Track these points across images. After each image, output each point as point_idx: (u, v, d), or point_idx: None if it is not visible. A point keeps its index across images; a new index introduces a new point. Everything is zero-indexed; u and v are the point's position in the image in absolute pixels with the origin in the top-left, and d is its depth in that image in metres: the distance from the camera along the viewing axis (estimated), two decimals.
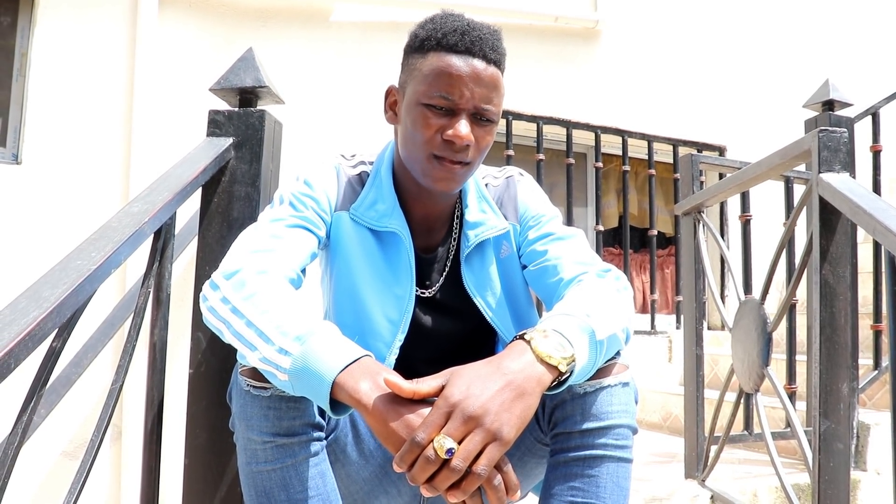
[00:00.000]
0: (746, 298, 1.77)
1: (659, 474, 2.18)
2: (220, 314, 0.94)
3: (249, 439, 0.94)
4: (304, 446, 0.95)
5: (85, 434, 2.49)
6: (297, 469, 0.94)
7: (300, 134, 2.79)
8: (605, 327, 0.95)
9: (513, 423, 0.82)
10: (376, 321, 1.17)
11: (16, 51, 2.68)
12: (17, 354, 0.76)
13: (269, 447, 0.93)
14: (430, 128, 1.08)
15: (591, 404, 0.96)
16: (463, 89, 1.06)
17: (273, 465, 0.94)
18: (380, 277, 1.18)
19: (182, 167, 1.22)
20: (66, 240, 2.52)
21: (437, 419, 0.80)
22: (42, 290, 0.85)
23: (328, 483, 0.98)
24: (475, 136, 1.09)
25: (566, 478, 0.96)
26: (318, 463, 0.97)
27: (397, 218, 1.18)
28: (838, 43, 4.24)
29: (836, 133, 1.37)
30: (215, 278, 0.99)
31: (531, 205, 1.26)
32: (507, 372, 0.85)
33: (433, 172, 1.10)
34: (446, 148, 1.08)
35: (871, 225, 1.16)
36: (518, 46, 3.43)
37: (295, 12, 3.02)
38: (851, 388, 1.91)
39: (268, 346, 0.87)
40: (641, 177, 4.10)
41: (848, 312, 1.35)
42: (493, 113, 1.10)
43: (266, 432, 0.93)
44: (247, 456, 0.95)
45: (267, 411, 0.93)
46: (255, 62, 1.40)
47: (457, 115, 1.08)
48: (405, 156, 1.14)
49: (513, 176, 1.30)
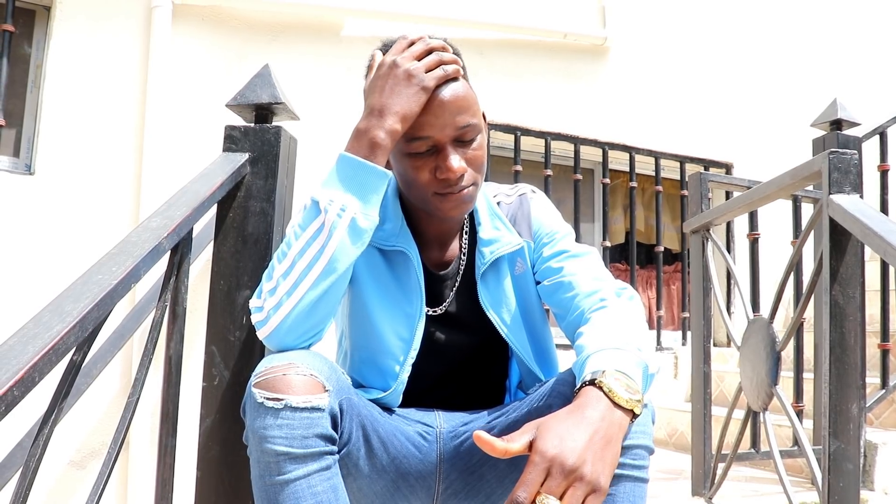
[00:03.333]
0: (755, 317, 1.78)
1: (665, 491, 2.18)
2: (277, 300, 1.03)
3: (263, 451, 0.94)
4: (316, 459, 0.95)
5: (92, 444, 2.50)
6: (309, 482, 0.95)
7: (310, 148, 2.81)
8: (653, 360, 0.98)
9: (607, 472, 0.83)
10: (388, 340, 1.19)
11: (31, 62, 2.71)
12: (41, 368, 0.77)
13: (283, 460, 0.93)
14: (423, 172, 1.10)
15: None
16: (435, 124, 1.07)
17: (286, 477, 0.94)
18: (390, 296, 1.20)
19: (199, 182, 1.23)
20: (79, 250, 2.54)
21: (537, 477, 0.81)
22: (65, 304, 0.86)
23: (340, 497, 0.98)
24: (466, 159, 1.11)
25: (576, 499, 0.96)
26: (331, 477, 0.97)
27: (404, 236, 1.20)
28: (845, 62, 4.26)
29: (846, 155, 1.38)
30: (253, 304, 1.07)
31: (545, 222, 1.28)
32: (592, 421, 0.85)
33: (442, 206, 1.12)
34: (444, 185, 1.10)
35: (881, 247, 1.17)
36: (527, 62, 3.46)
37: (306, 27, 3.05)
38: (860, 407, 1.91)
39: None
40: (648, 193, 4.12)
41: (857, 333, 1.35)
42: (474, 128, 1.11)
43: (280, 444, 0.93)
44: (260, 469, 0.96)
45: (281, 423, 0.93)
46: (271, 78, 1.42)
47: (442, 150, 1.09)
48: (410, 197, 1.18)
49: (525, 193, 1.31)
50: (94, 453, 2.50)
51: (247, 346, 1.27)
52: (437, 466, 1.18)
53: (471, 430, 1.17)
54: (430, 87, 1.06)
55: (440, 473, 1.19)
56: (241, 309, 1.27)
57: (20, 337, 0.80)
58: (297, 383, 0.94)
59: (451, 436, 1.19)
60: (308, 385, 0.95)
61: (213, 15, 2.88)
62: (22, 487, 0.80)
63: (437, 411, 1.25)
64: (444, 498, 1.20)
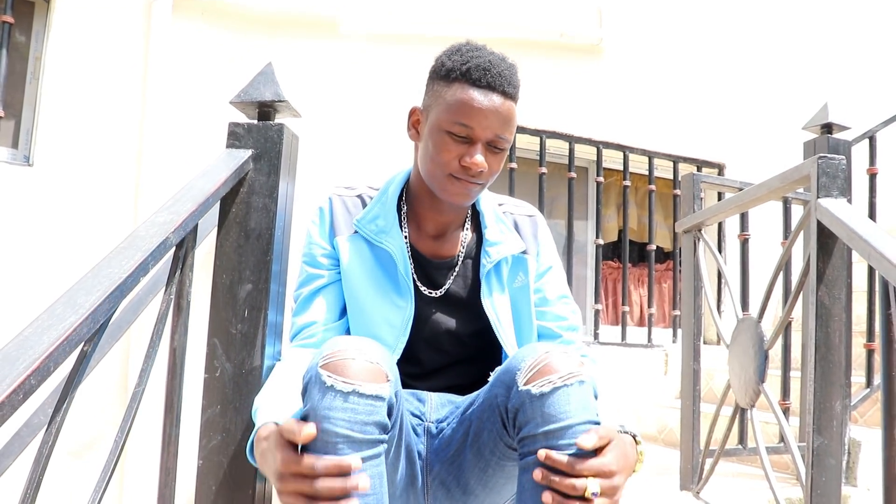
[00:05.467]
0: (744, 316, 1.82)
1: (654, 486, 2.22)
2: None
3: (325, 431, 0.94)
4: (372, 445, 0.97)
5: (88, 434, 2.52)
6: (362, 466, 0.96)
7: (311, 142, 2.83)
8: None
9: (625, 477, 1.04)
10: (379, 326, 1.29)
11: (30, 54, 2.72)
12: (56, 358, 0.80)
13: (343, 442, 0.95)
14: (450, 153, 1.21)
15: (548, 406, 1.00)
16: (482, 121, 1.19)
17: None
18: (379, 287, 1.31)
19: (204, 179, 1.26)
20: (77, 241, 2.56)
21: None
22: (77, 297, 0.89)
23: (384, 484, 1.01)
24: (488, 162, 1.23)
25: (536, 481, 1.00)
26: (380, 464, 1.00)
27: (394, 236, 1.31)
28: (837, 66, 4.31)
29: (834, 160, 1.42)
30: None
31: (549, 251, 1.44)
32: (630, 455, 1.06)
33: (450, 188, 1.23)
34: (463, 171, 1.22)
35: (866, 251, 1.21)
36: (523, 61, 3.46)
37: (305, 22, 3.07)
38: (844, 405, 1.96)
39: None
40: (641, 192, 4.16)
41: (842, 333, 1.39)
42: (506, 142, 1.23)
43: (342, 427, 0.94)
44: (315, 445, 0.95)
45: (346, 407, 0.95)
46: (274, 77, 1.44)
47: (474, 144, 1.21)
48: (425, 172, 1.26)
49: (535, 216, 1.45)
50: (91, 444, 2.52)
51: (248, 338, 1.30)
52: (425, 459, 1.26)
53: (448, 421, 1.27)
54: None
55: (427, 466, 1.26)
56: (242, 303, 1.30)
57: (35, 328, 0.82)
58: (365, 370, 0.97)
59: (436, 429, 1.28)
60: (374, 373, 0.98)
61: (213, 8, 2.89)
62: (35, 473, 0.83)
63: (430, 396, 1.31)
64: (434, 490, 1.28)
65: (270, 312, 1.30)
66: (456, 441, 1.22)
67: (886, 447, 1.22)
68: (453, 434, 1.23)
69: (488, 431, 1.14)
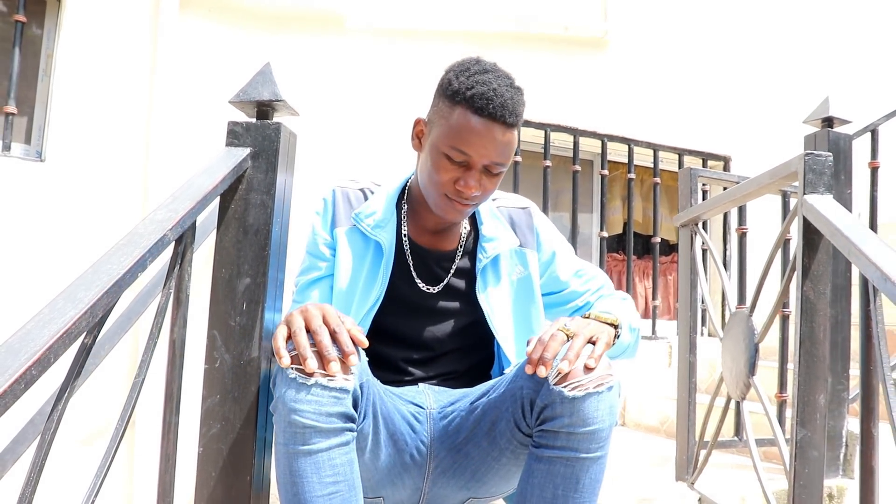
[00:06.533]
0: (736, 310, 1.84)
1: (652, 476, 2.26)
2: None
3: (291, 422, 1.03)
4: (339, 434, 1.04)
5: (98, 423, 2.59)
6: (330, 455, 1.04)
7: (317, 138, 2.88)
8: (637, 321, 1.38)
9: (601, 336, 1.16)
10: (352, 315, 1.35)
11: (42, 51, 2.78)
12: (56, 350, 0.85)
13: (310, 432, 1.03)
14: (447, 174, 1.25)
15: (579, 409, 1.05)
16: (479, 150, 1.22)
17: (309, 448, 1.03)
18: (357, 277, 1.36)
19: (203, 176, 1.30)
20: (88, 235, 2.61)
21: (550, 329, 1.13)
22: (77, 292, 0.94)
23: (354, 471, 1.08)
24: (483, 184, 1.26)
25: (549, 473, 1.05)
26: (349, 452, 1.07)
27: (388, 230, 1.35)
28: (843, 58, 4.29)
29: (821, 157, 1.44)
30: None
31: (550, 236, 1.49)
32: (595, 326, 1.18)
33: (444, 206, 1.28)
34: (457, 194, 1.25)
35: (846, 247, 1.23)
36: (528, 54, 3.50)
37: (311, 18, 3.11)
38: (833, 397, 1.98)
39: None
40: (646, 184, 4.17)
41: (827, 328, 1.42)
42: (503, 166, 1.26)
43: (309, 417, 1.02)
44: (285, 437, 1.05)
45: (310, 399, 1.02)
46: (272, 76, 1.48)
47: (471, 169, 1.24)
48: (422, 185, 1.31)
49: (528, 207, 1.49)
50: (101, 432, 2.59)
51: (246, 330, 1.34)
52: (428, 446, 1.28)
53: (457, 409, 1.27)
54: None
55: (431, 452, 1.28)
56: (241, 296, 1.34)
57: (37, 321, 0.87)
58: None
59: (440, 416, 1.29)
60: (339, 366, 1.04)
61: (220, 4, 2.93)
62: (38, 457, 0.88)
63: (427, 389, 1.34)
64: (435, 476, 1.29)
65: (268, 305, 1.34)
66: (466, 429, 1.26)
67: (864, 440, 1.25)
68: (462, 422, 1.27)
69: (506, 421, 1.18)
